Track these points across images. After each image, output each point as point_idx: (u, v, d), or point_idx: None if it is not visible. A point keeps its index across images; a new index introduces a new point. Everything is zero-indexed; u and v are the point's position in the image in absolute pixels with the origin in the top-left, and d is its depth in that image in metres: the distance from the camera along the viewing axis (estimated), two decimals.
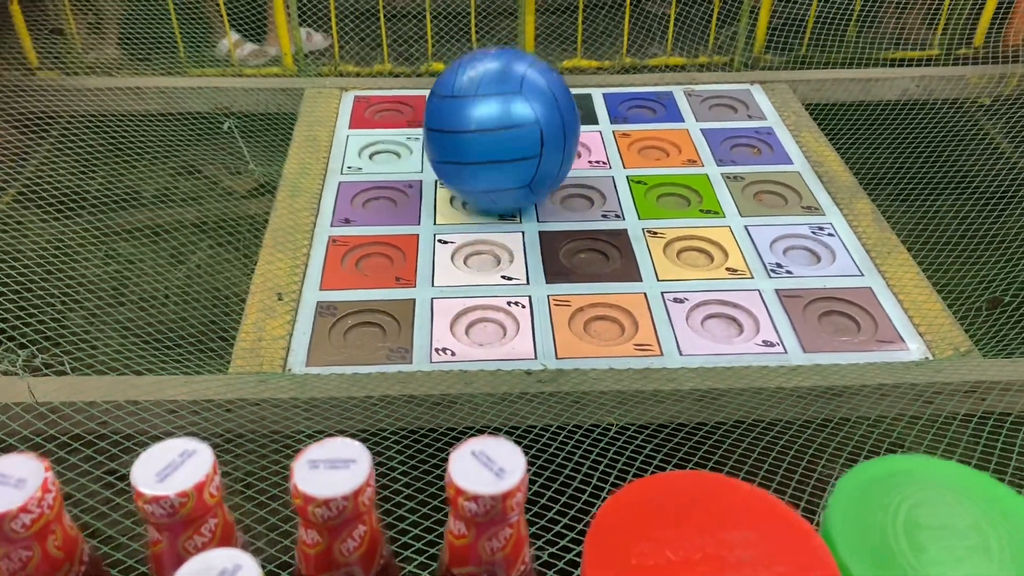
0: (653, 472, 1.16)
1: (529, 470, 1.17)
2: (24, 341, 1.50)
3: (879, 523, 0.52)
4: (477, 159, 1.58)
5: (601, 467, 1.20)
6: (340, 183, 1.84)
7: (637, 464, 1.22)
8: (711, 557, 0.49)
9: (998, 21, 2.56)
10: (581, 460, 1.20)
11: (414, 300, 1.53)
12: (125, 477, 1.10)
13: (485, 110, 1.54)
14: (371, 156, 1.94)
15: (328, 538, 0.49)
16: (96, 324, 1.69)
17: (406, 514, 1.14)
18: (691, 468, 1.20)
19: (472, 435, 1.23)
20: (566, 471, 1.19)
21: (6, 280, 1.66)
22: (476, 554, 0.50)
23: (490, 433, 1.24)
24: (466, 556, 0.51)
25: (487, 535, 0.50)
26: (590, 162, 1.93)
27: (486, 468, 0.49)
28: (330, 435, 1.20)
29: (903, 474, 0.55)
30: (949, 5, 2.71)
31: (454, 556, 0.52)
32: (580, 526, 1.12)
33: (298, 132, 2.01)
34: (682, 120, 2.09)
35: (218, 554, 0.45)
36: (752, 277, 1.59)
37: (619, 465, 1.20)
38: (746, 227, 1.72)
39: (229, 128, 2.14)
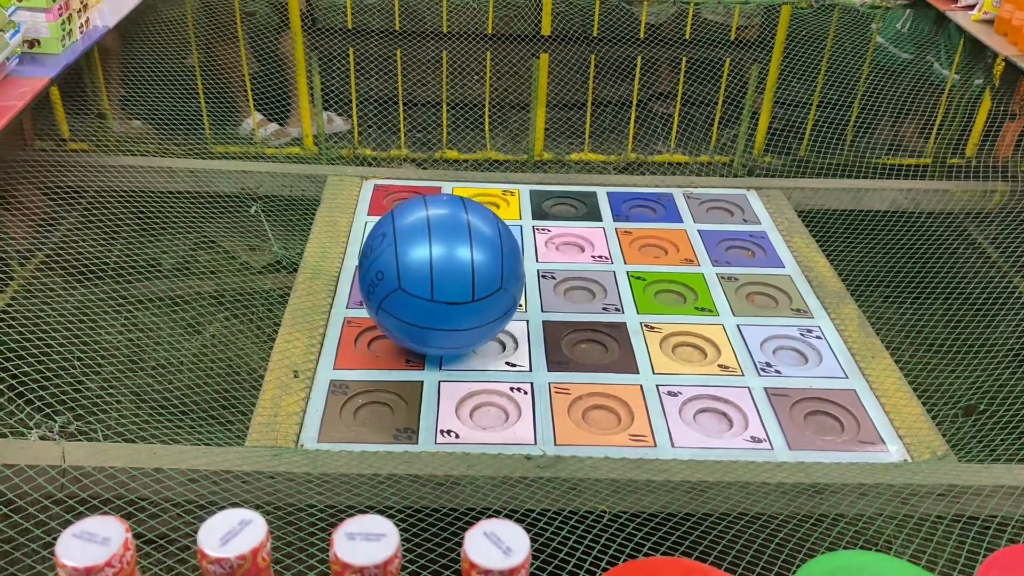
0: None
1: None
2: (45, 406, 1.58)
3: None
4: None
5: (594, 553, 1.27)
6: (357, 267, 1.94)
7: (628, 551, 1.28)
8: None
9: (990, 135, 2.70)
10: (575, 545, 1.27)
11: (422, 382, 1.62)
12: (152, 541, 1.17)
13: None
14: None
15: None
16: (112, 390, 1.77)
17: None
18: (678, 557, 1.27)
19: (473, 517, 1.30)
20: (561, 555, 1.26)
21: (27, 344, 1.74)
22: None
23: (490, 515, 1.32)
24: None
25: None
26: (593, 256, 2.04)
27: (496, 547, 0.58)
28: (341, 510, 1.27)
29: (854, 568, 0.63)
30: (942, 118, 2.86)
31: None
32: None
33: (320, 217, 2.13)
34: (681, 221, 2.21)
35: None
36: (743, 374, 1.68)
37: (611, 551, 1.27)
38: (738, 326, 1.82)
39: (256, 212, 2.26)
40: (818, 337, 1.80)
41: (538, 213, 2.22)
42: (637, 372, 1.67)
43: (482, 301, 1.52)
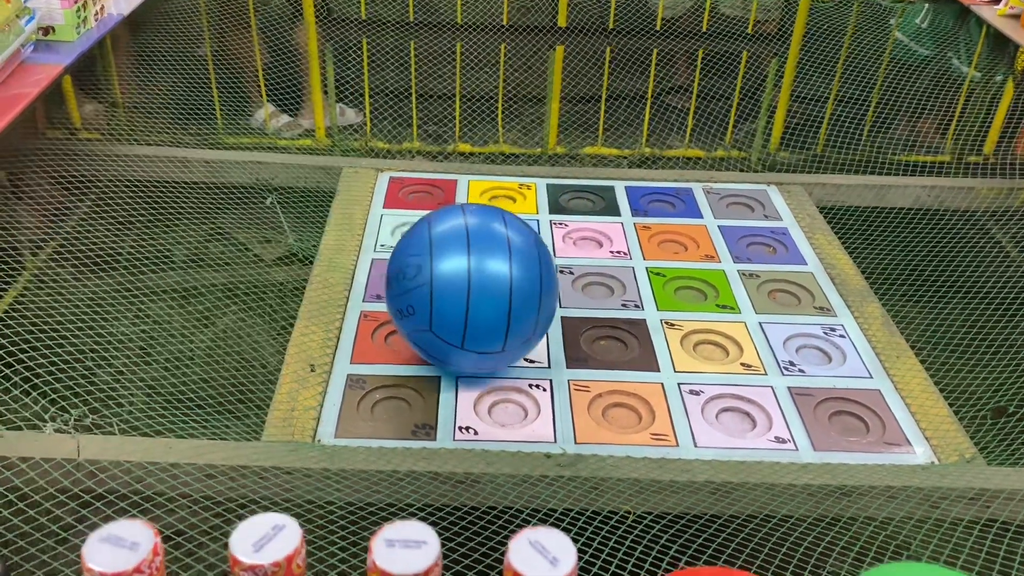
0: (669, 564, 1.21)
1: None
2: (59, 398, 1.55)
3: None
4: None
5: (619, 555, 1.24)
6: (373, 260, 1.92)
7: (653, 554, 1.26)
8: None
9: (1008, 132, 2.66)
10: (600, 547, 1.25)
11: (440, 377, 1.59)
12: (169, 539, 1.15)
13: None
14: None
15: None
16: (125, 382, 1.75)
17: None
18: (705, 560, 1.24)
19: (495, 516, 1.27)
20: (585, 557, 1.23)
21: (40, 334, 1.72)
22: None
23: (511, 515, 1.29)
24: None
25: None
26: (611, 252, 2.01)
27: (541, 556, 0.55)
28: (360, 507, 1.25)
29: None
30: (960, 115, 2.82)
31: None
32: None
33: (335, 209, 2.10)
34: (701, 216, 2.18)
35: None
36: (766, 373, 1.65)
37: (636, 554, 1.24)
38: (760, 324, 1.79)
39: (271, 203, 2.24)
40: (842, 336, 1.77)
41: (555, 207, 2.19)
42: (658, 370, 1.65)
43: (511, 351, 1.51)
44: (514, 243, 1.46)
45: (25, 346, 1.63)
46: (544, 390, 1.58)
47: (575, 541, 1.24)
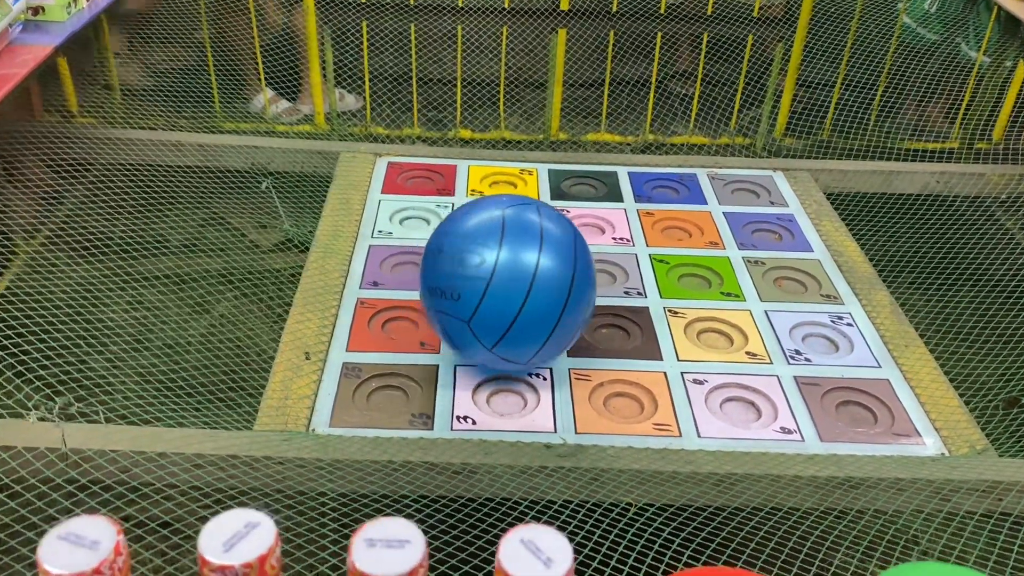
0: (672, 557, 1.17)
1: None
2: (46, 386, 1.52)
3: None
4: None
5: (620, 548, 1.20)
6: (370, 246, 1.88)
7: (656, 547, 1.22)
8: None
9: (1019, 119, 2.61)
10: (600, 540, 1.21)
11: (438, 366, 1.55)
12: (143, 524, 1.11)
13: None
14: (401, 221, 1.99)
15: None
16: (117, 369, 1.71)
17: None
18: (709, 554, 1.21)
19: (493, 507, 1.24)
20: (586, 550, 1.20)
21: (28, 322, 1.68)
22: None
23: (509, 506, 1.26)
24: None
25: None
26: (614, 239, 1.97)
27: (534, 556, 0.51)
28: (353, 498, 1.21)
29: None
30: (969, 100, 2.77)
31: None
32: None
33: (332, 195, 2.06)
34: (705, 202, 2.14)
35: None
36: (771, 362, 1.61)
37: (638, 547, 1.21)
38: (766, 312, 1.75)
39: (267, 188, 2.20)
40: (849, 324, 1.73)
41: (556, 193, 2.15)
42: (661, 359, 1.61)
43: (532, 364, 1.49)
44: (579, 267, 1.40)
45: (11, 333, 1.60)
46: (544, 379, 1.54)
47: (575, 534, 1.21)
